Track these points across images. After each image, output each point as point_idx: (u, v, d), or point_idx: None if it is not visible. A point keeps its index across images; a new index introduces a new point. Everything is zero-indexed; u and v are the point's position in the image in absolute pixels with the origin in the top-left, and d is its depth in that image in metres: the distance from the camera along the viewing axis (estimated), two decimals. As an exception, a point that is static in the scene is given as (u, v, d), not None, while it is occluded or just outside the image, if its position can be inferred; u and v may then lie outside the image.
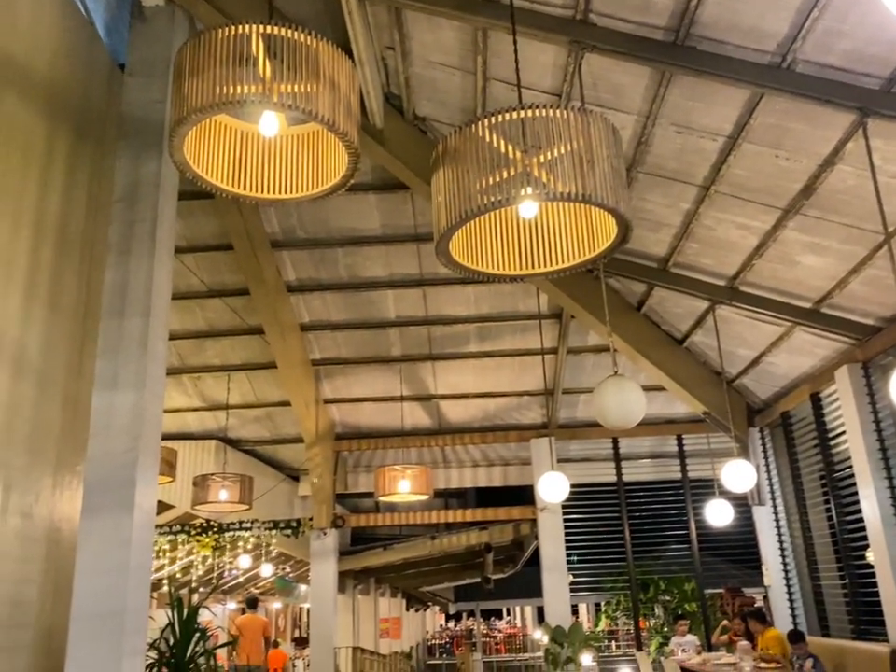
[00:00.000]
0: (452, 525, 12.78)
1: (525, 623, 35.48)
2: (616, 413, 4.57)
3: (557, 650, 9.64)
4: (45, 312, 4.74)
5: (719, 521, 8.90)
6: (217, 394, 10.21)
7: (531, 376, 10.25)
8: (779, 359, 8.51)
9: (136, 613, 4.33)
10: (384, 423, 10.96)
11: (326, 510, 10.54)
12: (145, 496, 4.55)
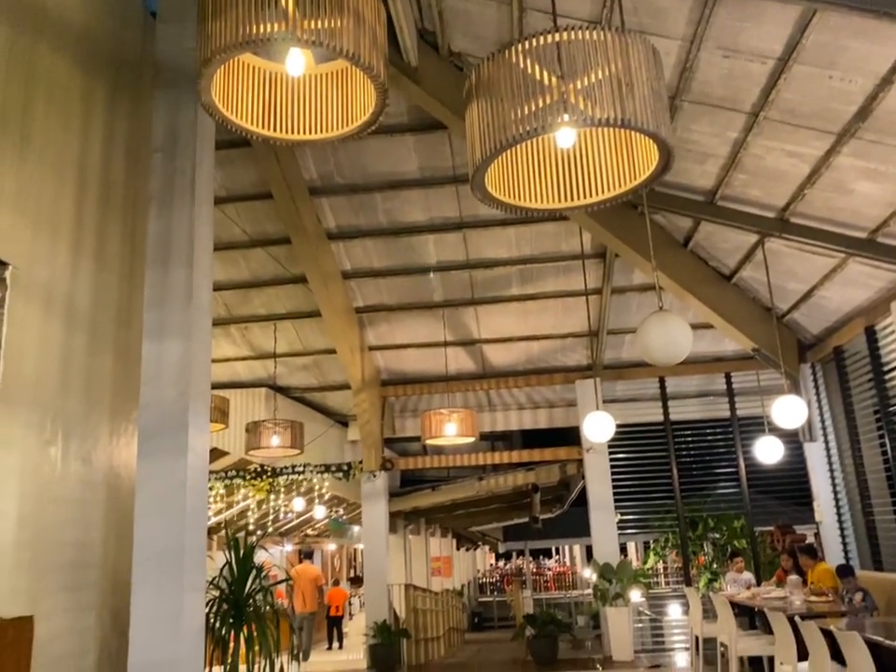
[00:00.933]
0: (498, 466, 12.93)
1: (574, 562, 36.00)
2: (662, 350, 4.49)
3: (606, 586, 9.77)
4: (92, 265, 4.83)
5: (769, 458, 8.81)
6: (265, 343, 10.38)
7: (575, 318, 10.16)
8: (832, 292, 8.26)
9: (194, 553, 4.50)
10: (428, 368, 11.03)
11: (375, 453, 10.74)
12: (197, 441, 4.67)
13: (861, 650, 4.29)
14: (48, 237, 4.41)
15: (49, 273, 4.40)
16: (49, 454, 4.22)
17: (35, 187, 4.31)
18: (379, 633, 9.79)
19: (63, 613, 4.18)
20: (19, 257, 4.09)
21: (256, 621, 5.08)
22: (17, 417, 3.96)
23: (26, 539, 3.93)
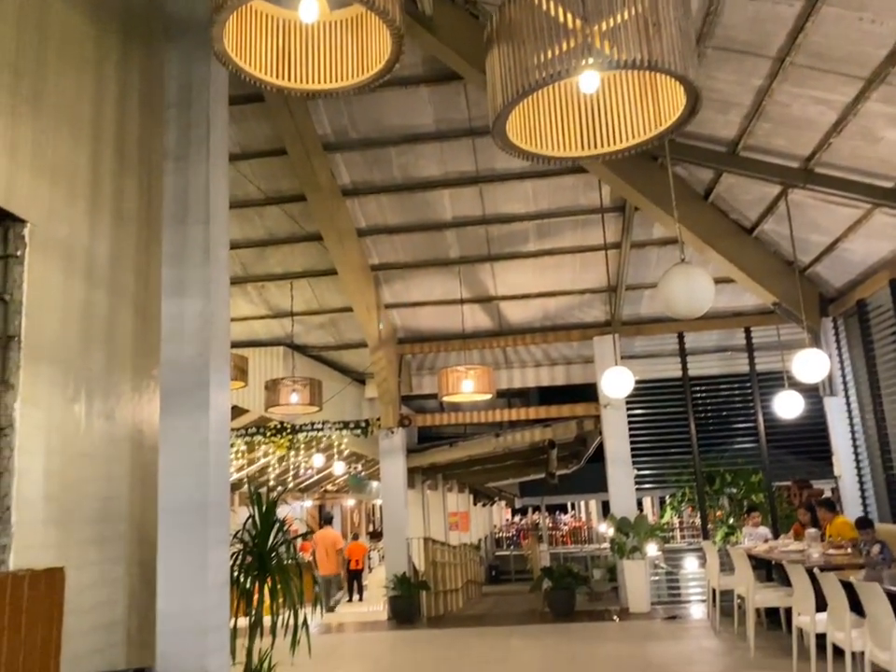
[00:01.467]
0: (515, 423, 12.98)
1: (590, 518, 36.37)
2: (683, 302, 4.43)
3: (623, 540, 9.86)
4: (110, 222, 4.82)
5: (788, 413, 8.77)
6: (282, 301, 10.38)
7: (593, 273, 10.06)
8: (856, 245, 8.12)
9: (218, 507, 4.56)
10: (445, 326, 11.01)
11: (392, 410, 10.80)
12: (219, 397, 4.71)
13: (880, 600, 4.31)
14: (65, 194, 4.39)
15: (68, 231, 4.39)
16: (74, 411, 4.26)
17: (51, 142, 4.27)
18: (399, 585, 9.97)
19: (93, 565, 4.27)
20: (37, 214, 4.08)
21: (279, 572, 5.17)
22: (41, 375, 3.99)
23: (54, 493, 4.00)
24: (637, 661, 6.81)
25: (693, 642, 7.55)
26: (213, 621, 4.37)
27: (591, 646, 7.64)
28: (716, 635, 7.77)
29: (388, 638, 9.00)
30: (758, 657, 6.58)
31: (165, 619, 4.31)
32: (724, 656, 6.79)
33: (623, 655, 7.13)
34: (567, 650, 7.47)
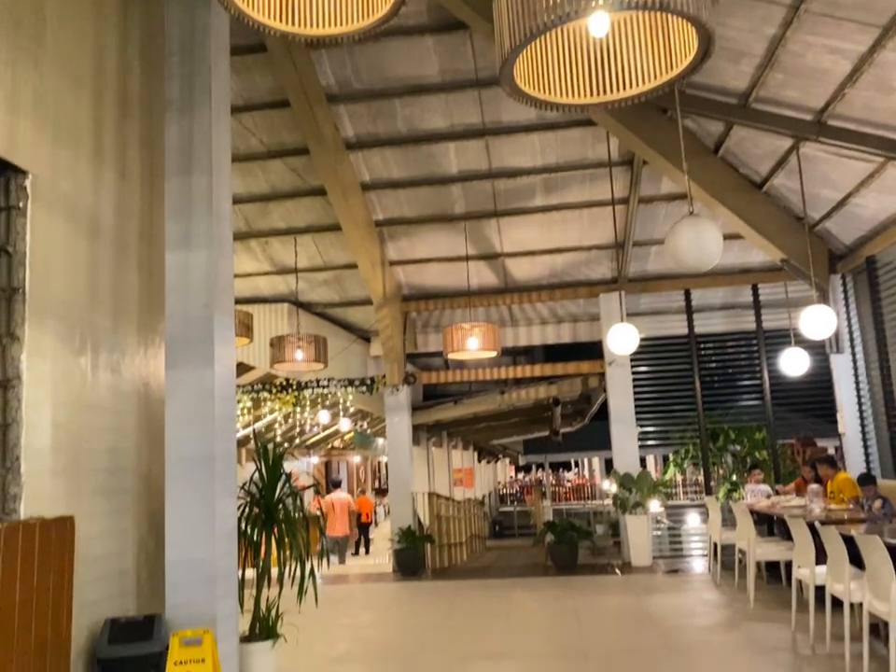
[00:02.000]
0: (520, 381, 13.00)
1: (594, 475, 36.73)
2: (691, 255, 4.37)
3: (626, 495, 9.95)
4: (113, 175, 4.77)
5: (794, 370, 8.77)
6: (286, 258, 10.33)
7: (600, 229, 9.97)
8: (867, 200, 8.01)
9: (225, 459, 4.60)
10: (450, 283, 10.96)
11: (397, 367, 10.82)
12: (223, 350, 4.71)
13: (880, 552, 4.34)
14: (68, 146, 4.34)
15: (71, 184, 4.35)
16: (80, 363, 4.27)
17: (52, 94, 4.20)
18: (404, 538, 10.12)
19: (102, 515, 4.33)
20: (39, 166, 4.04)
21: (286, 524, 5.24)
22: (46, 328, 4.00)
23: (62, 444, 4.03)
24: (637, 612, 6.92)
25: (694, 595, 7.66)
26: (221, 569, 4.44)
27: (592, 598, 7.76)
28: (716, 588, 7.89)
29: (393, 589, 9.17)
30: (757, 609, 6.68)
31: (174, 568, 4.38)
32: (724, 608, 6.90)
33: (625, 607, 7.25)
34: (569, 601, 7.59)
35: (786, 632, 5.79)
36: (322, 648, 6.05)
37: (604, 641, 5.91)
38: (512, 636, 6.22)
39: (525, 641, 6.02)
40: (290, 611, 5.16)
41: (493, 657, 5.54)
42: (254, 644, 5.02)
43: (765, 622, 6.21)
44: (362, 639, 6.37)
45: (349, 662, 5.68)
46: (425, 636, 6.37)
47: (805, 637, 5.51)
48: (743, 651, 5.41)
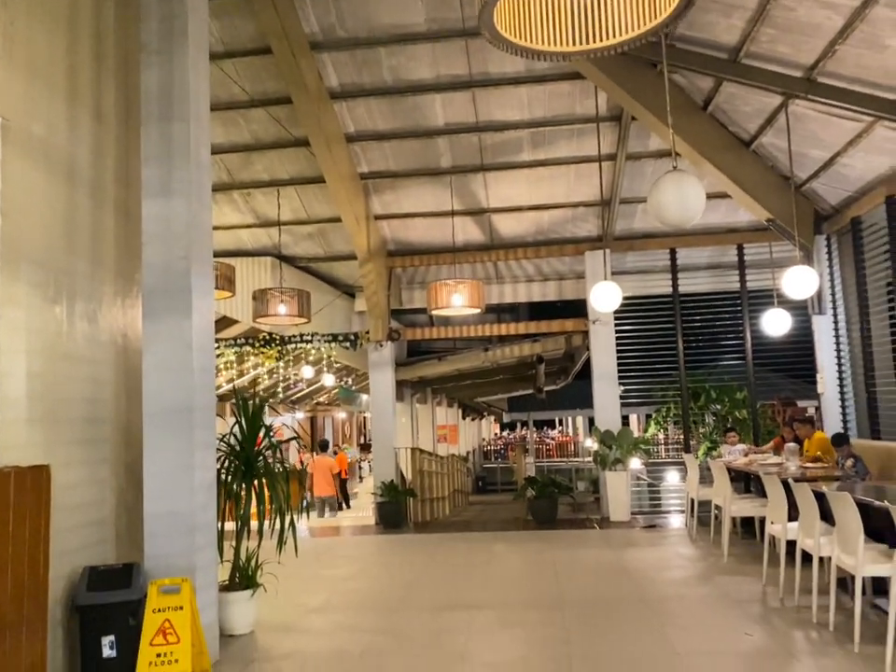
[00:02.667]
0: (504, 338, 13.02)
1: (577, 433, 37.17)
2: (674, 211, 4.33)
3: (606, 452, 10.06)
4: (89, 120, 4.65)
5: (776, 330, 8.84)
6: (269, 210, 10.18)
7: (587, 186, 9.88)
8: (855, 160, 7.97)
9: (204, 411, 4.59)
10: (435, 239, 10.87)
11: (382, 323, 10.79)
12: (202, 302, 4.66)
13: (850, 509, 4.42)
14: (42, 90, 4.21)
15: (46, 128, 4.23)
16: (55, 312, 4.21)
17: (24, 34, 4.06)
18: (386, 492, 10.21)
19: (79, 465, 4.32)
20: (12, 110, 3.92)
21: (266, 476, 5.26)
22: (20, 275, 3.92)
23: (37, 393, 3.99)
24: (614, 566, 7.06)
25: (670, 549, 7.81)
26: (200, 520, 4.46)
27: (570, 551, 7.90)
28: (692, 543, 8.04)
29: (375, 542, 9.29)
30: (731, 563, 6.83)
31: (152, 519, 4.40)
32: (699, 562, 7.04)
33: (602, 560, 7.38)
34: (548, 554, 7.72)
35: (757, 585, 5.92)
36: (302, 598, 6.13)
37: (580, 593, 6.02)
38: (491, 587, 6.33)
39: (504, 592, 6.12)
40: (271, 562, 5.22)
41: (471, 607, 5.64)
42: (233, 593, 5.08)
43: (738, 575, 6.35)
44: (342, 590, 6.46)
45: (328, 611, 5.76)
46: (404, 587, 6.47)
47: (774, 591, 5.64)
48: (715, 603, 5.53)
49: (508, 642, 4.79)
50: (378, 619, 5.43)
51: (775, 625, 4.89)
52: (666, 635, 4.76)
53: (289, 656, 4.64)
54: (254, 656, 4.64)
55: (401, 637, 4.96)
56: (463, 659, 4.45)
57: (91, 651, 3.89)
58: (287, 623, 5.40)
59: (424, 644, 4.80)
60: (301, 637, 5.05)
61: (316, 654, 4.65)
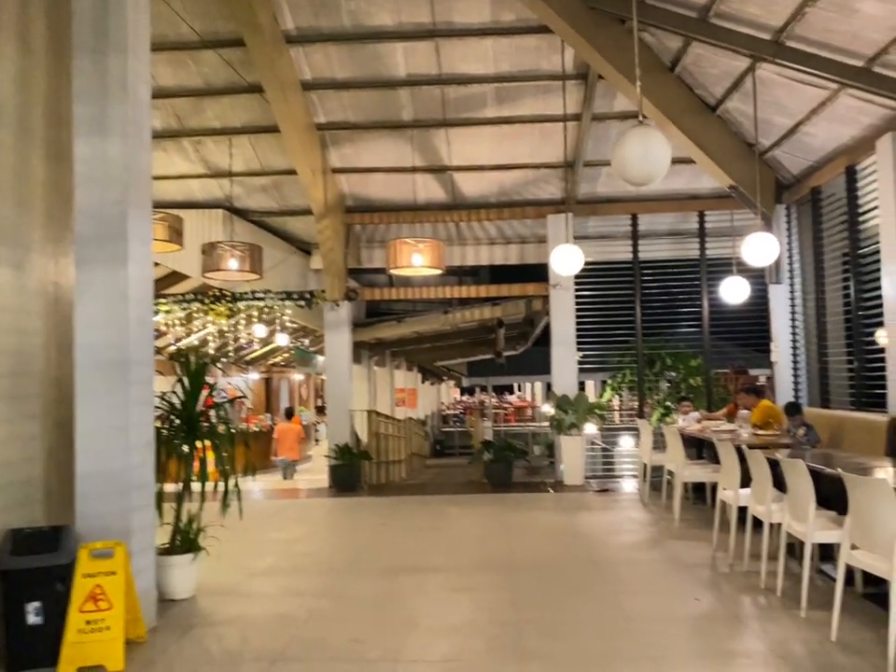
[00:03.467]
0: (465, 301, 12.85)
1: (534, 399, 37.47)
2: (638, 166, 4.16)
3: (562, 416, 10.03)
4: (14, 51, 4.27)
5: (733, 298, 8.83)
6: (220, 160, 9.75)
7: (551, 146, 9.68)
8: (818, 129, 7.93)
9: (141, 366, 4.33)
10: (396, 196, 10.58)
11: (338, 282, 10.52)
12: (139, 250, 4.37)
13: (802, 476, 4.40)
14: (-46, 10, 3.83)
15: (-39, 55, 3.86)
16: (-24, 258, 3.90)
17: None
18: (340, 455, 10.05)
19: (4, 421, 4.04)
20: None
21: (209, 437, 5.04)
22: (-67, 215, 3.60)
23: (-45, 344, 3.70)
24: (567, 528, 7.04)
25: (622, 513, 7.83)
26: (136, 480, 4.24)
27: (524, 514, 7.87)
28: (644, 507, 8.07)
29: (328, 505, 9.15)
30: (682, 527, 6.86)
31: (84, 478, 4.16)
32: (650, 526, 7.06)
33: (555, 523, 7.36)
34: (501, 517, 7.68)
35: (707, 550, 5.94)
36: (248, 561, 5.97)
37: (532, 556, 5.97)
38: (443, 550, 6.25)
39: (455, 555, 6.04)
40: (217, 526, 5.03)
41: (421, 570, 5.54)
42: (174, 557, 4.89)
43: (688, 540, 6.37)
44: (290, 553, 6.31)
45: (274, 575, 5.61)
46: (354, 550, 6.35)
47: (724, 556, 5.66)
48: (665, 566, 5.53)
49: (457, 606, 4.70)
50: (326, 582, 5.30)
51: (723, 590, 4.89)
52: (617, 599, 4.72)
53: (231, 622, 4.48)
54: (193, 622, 4.47)
55: (349, 602, 4.84)
56: (411, 623, 4.35)
57: (15, 619, 3.67)
58: (230, 587, 5.24)
59: (371, 608, 4.69)
60: (245, 602, 4.89)
61: (259, 619, 4.50)
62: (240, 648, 4.04)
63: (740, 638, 4.07)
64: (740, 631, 4.15)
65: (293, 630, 4.27)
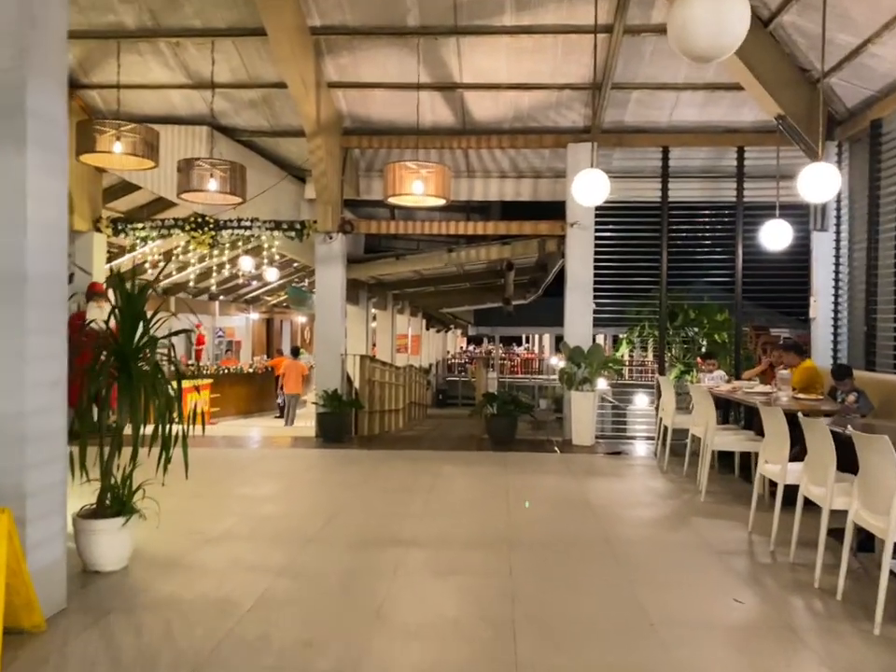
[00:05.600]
0: (473, 240, 11.81)
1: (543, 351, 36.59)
2: (707, 30, 3.09)
3: (574, 370, 9.10)
4: None
5: (774, 244, 7.84)
6: (203, 68, 8.60)
7: (576, 64, 8.51)
8: (887, 49, 6.82)
9: (44, 284, 3.38)
10: (399, 117, 9.45)
11: (332, 212, 9.48)
12: (45, 132, 3.38)
13: (887, 456, 3.45)
14: None
15: None
16: None
17: None
18: (328, 402, 9.18)
19: None
20: None
21: (147, 379, 4.11)
22: None
23: None
24: (576, 497, 6.15)
25: (638, 481, 6.95)
26: (35, 428, 3.33)
27: (527, 477, 7.00)
28: (662, 474, 7.18)
29: (310, 457, 8.30)
30: (708, 502, 5.96)
31: (-34, 423, 3.25)
32: (671, 498, 6.16)
33: (562, 490, 6.48)
34: (500, 480, 6.81)
35: (741, 532, 5.05)
36: (203, 523, 5.12)
37: (534, 530, 5.10)
38: (430, 518, 5.38)
39: (443, 525, 5.17)
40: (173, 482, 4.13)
41: (401, 543, 4.68)
42: (98, 521, 4.02)
43: (718, 518, 5.48)
44: (252, 515, 5.45)
45: (227, 541, 4.75)
46: (327, 513, 5.48)
47: (763, 541, 4.78)
48: (692, 551, 4.64)
49: (439, 596, 3.83)
50: (286, 555, 4.44)
51: (768, 588, 3.99)
52: (636, 594, 3.83)
53: (159, 605, 3.62)
54: (113, 604, 3.61)
55: (308, 583, 3.98)
56: (380, 618, 3.48)
57: None
58: (174, 556, 4.38)
59: (333, 594, 3.83)
60: (185, 577, 4.04)
61: (195, 604, 3.65)
62: (158, 646, 3.18)
63: (797, 661, 3.17)
64: (795, 650, 3.25)
65: (232, 622, 3.41)
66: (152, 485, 4.20)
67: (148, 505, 4.22)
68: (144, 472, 4.13)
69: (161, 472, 4.05)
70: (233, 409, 17.48)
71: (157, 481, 4.10)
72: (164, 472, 4.07)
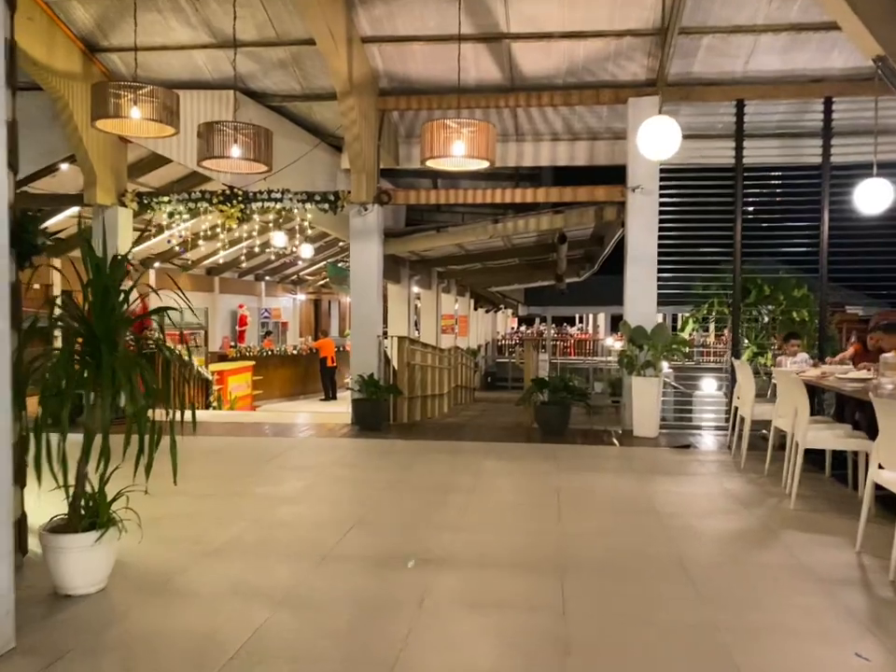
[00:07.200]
0: (522, 209, 10.90)
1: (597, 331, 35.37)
2: None
3: (635, 352, 8.18)
4: None
5: (871, 207, 6.82)
6: (227, 25, 7.87)
7: (638, 6, 7.52)
8: None
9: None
10: (439, 74, 8.60)
11: (367, 180, 8.71)
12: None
13: None
14: None
15: None
16: None
17: None
18: (364, 388, 8.47)
19: None
20: None
21: (124, 363, 3.42)
22: None
23: None
24: (639, 502, 5.30)
25: (713, 481, 6.03)
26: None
27: (582, 477, 6.17)
28: (740, 474, 6.25)
29: (342, 447, 7.61)
30: (800, 511, 5.03)
31: None
32: (755, 507, 5.24)
33: (623, 493, 5.63)
34: (550, 480, 5.99)
35: (848, 553, 4.12)
36: (207, 529, 4.45)
37: (590, 546, 4.28)
38: (467, 530, 4.60)
39: (482, 539, 4.39)
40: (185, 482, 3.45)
41: (430, 563, 3.91)
42: (66, 537, 3.36)
43: (815, 532, 4.56)
44: (265, 521, 4.76)
45: (229, 555, 4.05)
46: (350, 520, 4.75)
47: (879, 566, 3.86)
48: (790, 580, 3.74)
49: (472, 639, 3.05)
50: (293, 574, 3.72)
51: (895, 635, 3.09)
52: (724, 643, 2.98)
53: (127, 644, 2.94)
54: (72, 643, 2.94)
55: (312, 617, 3.24)
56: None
57: None
58: (163, 574, 3.71)
59: (339, 635, 3.08)
60: (169, 604, 3.35)
61: (174, 644, 2.95)
62: (108, 711, 2.48)
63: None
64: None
65: (210, 674, 2.69)
66: (157, 484, 3.49)
67: (149, 512, 3.55)
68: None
69: (137, 476, 3.38)
70: (277, 392, 17.05)
71: (154, 484, 3.42)
72: (147, 478, 3.39)
